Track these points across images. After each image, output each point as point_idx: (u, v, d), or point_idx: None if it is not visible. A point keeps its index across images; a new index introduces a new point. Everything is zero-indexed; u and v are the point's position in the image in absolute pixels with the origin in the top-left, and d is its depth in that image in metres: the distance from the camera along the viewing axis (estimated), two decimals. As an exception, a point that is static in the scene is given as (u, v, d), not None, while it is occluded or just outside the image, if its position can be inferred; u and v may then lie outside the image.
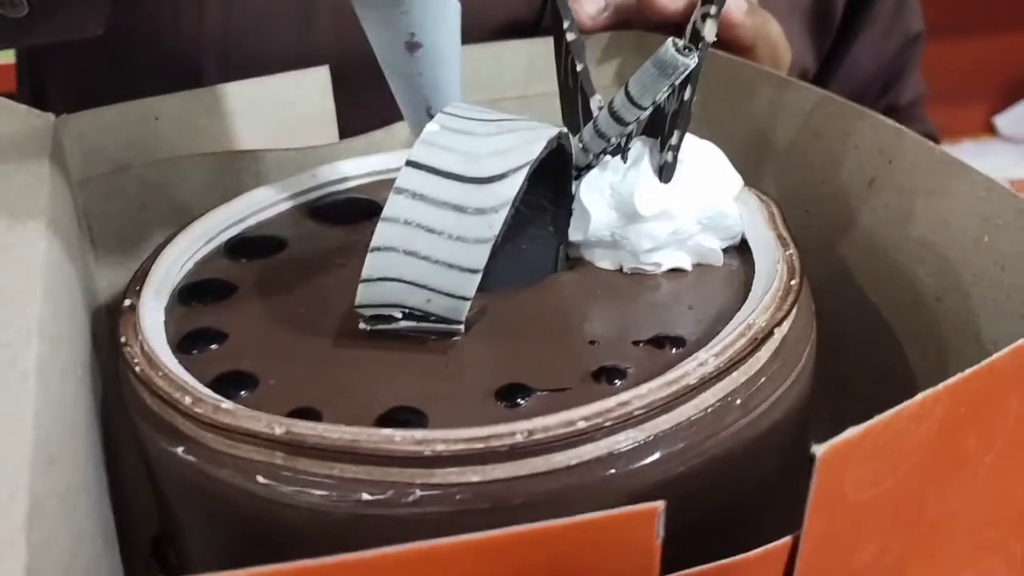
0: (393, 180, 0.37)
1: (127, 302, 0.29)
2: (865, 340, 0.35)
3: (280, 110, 0.42)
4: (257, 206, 0.36)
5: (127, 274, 0.39)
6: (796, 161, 0.37)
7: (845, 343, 0.36)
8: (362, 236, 0.34)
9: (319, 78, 0.42)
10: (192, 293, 0.31)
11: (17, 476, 0.18)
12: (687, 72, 0.27)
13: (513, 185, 0.25)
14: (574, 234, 0.31)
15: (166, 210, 0.40)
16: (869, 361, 0.35)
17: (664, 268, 0.30)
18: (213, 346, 0.28)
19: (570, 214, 0.31)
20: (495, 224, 0.25)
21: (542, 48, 0.45)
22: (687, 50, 0.27)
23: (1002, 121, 1.21)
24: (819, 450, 0.19)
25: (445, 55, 0.28)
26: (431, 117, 0.29)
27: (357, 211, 0.36)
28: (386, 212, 0.26)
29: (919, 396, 0.20)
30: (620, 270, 0.31)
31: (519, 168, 0.26)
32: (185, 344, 0.28)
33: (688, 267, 0.30)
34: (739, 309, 0.28)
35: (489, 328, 0.28)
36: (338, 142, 0.42)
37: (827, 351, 0.30)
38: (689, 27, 0.29)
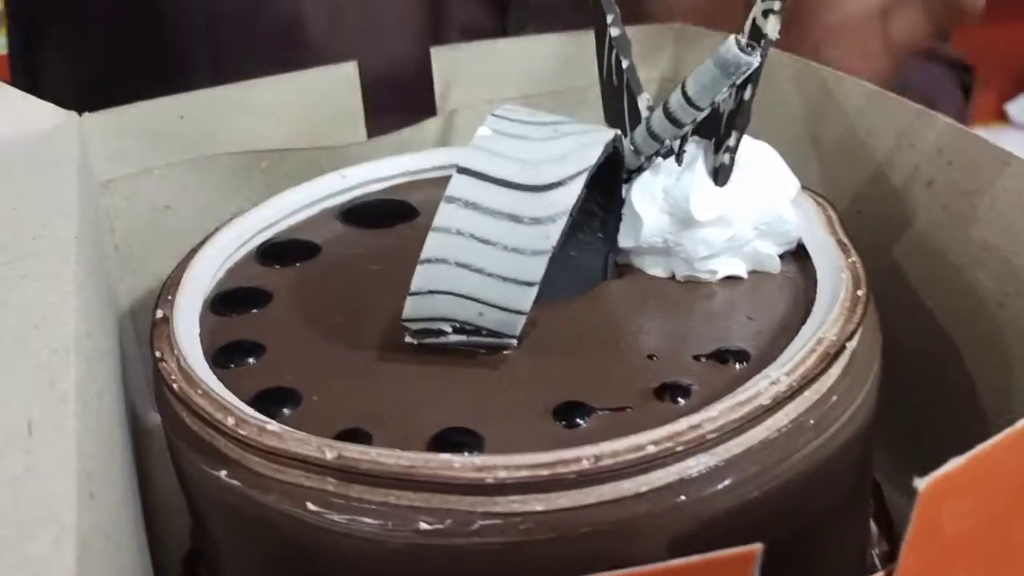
0: (425, 180, 0.37)
1: (159, 313, 0.28)
2: (921, 348, 0.34)
3: (307, 108, 0.40)
4: (287, 210, 0.34)
5: (149, 278, 0.38)
6: (846, 160, 0.36)
7: (899, 351, 0.35)
8: (397, 240, 0.33)
9: (347, 74, 0.41)
10: (226, 302, 0.30)
11: (62, 515, 0.17)
12: (749, 72, 0.26)
13: (572, 193, 0.24)
14: (625, 240, 0.29)
15: (191, 211, 0.38)
16: (925, 370, 0.34)
17: (720, 276, 0.29)
18: (251, 360, 0.27)
19: (620, 219, 0.29)
20: (553, 234, 0.24)
21: (574, 41, 0.43)
22: (750, 48, 0.26)
23: (1014, 108, 1.19)
24: (921, 484, 0.17)
25: None
26: None
27: (390, 213, 0.34)
28: (437, 222, 0.24)
29: (1019, 424, 0.19)
30: (672, 278, 0.29)
31: (578, 175, 0.24)
32: (221, 358, 0.27)
33: (744, 274, 0.29)
34: (800, 319, 0.26)
35: (540, 341, 0.27)
36: (366, 140, 0.41)
37: (887, 362, 0.28)
38: (748, 23, 0.27)
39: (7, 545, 0.17)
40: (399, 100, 0.43)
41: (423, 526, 0.21)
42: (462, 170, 0.24)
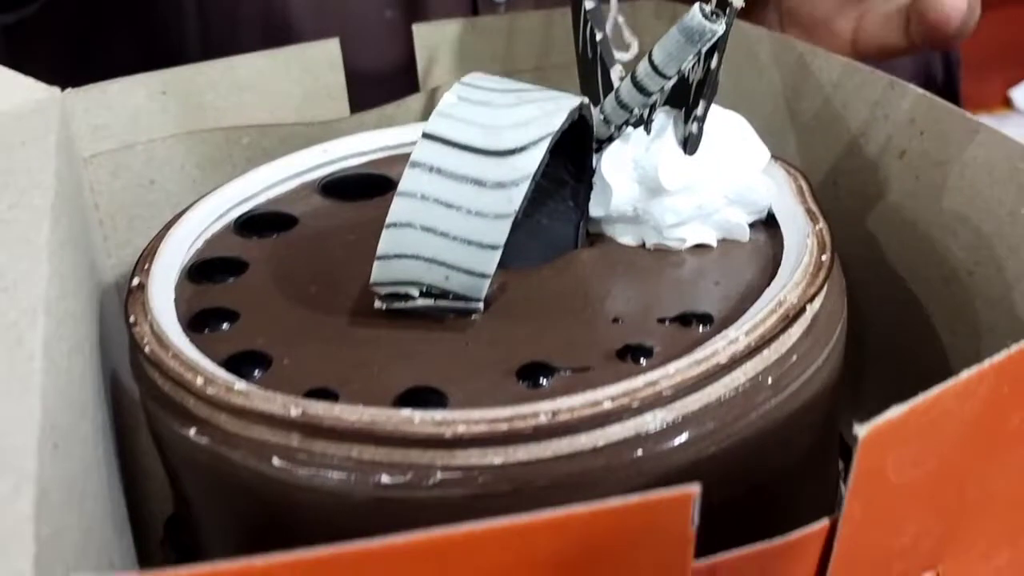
0: (405, 155, 0.37)
1: (135, 281, 0.28)
2: (893, 315, 0.34)
3: (289, 83, 0.41)
4: (267, 182, 0.35)
5: (135, 252, 0.38)
6: (823, 132, 0.36)
7: (873, 319, 0.35)
8: (375, 212, 0.33)
9: (329, 50, 0.41)
10: (202, 271, 0.30)
11: (22, 463, 0.18)
12: (714, 39, 0.26)
13: (534, 158, 0.24)
14: (595, 209, 0.30)
15: (174, 186, 0.39)
16: (898, 337, 0.34)
17: (689, 244, 0.29)
18: (225, 325, 0.27)
19: (591, 188, 0.30)
20: (515, 199, 0.24)
21: (558, 18, 0.44)
22: (715, 16, 0.26)
23: (1018, 94, 1.19)
24: (861, 431, 0.18)
25: None
26: None
27: (370, 187, 0.35)
28: (402, 187, 0.25)
29: (964, 374, 0.19)
30: (643, 246, 0.30)
31: (540, 140, 0.25)
32: (196, 323, 0.27)
33: (713, 242, 0.29)
34: (768, 285, 0.27)
35: (508, 306, 0.27)
36: (349, 116, 0.41)
37: (854, 327, 0.29)
38: (715, -8, 0.28)
39: (-33, 491, 0.17)
40: (381, 78, 0.43)
41: (385, 479, 0.22)
42: (427, 135, 0.25)
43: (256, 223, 0.33)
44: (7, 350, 0.21)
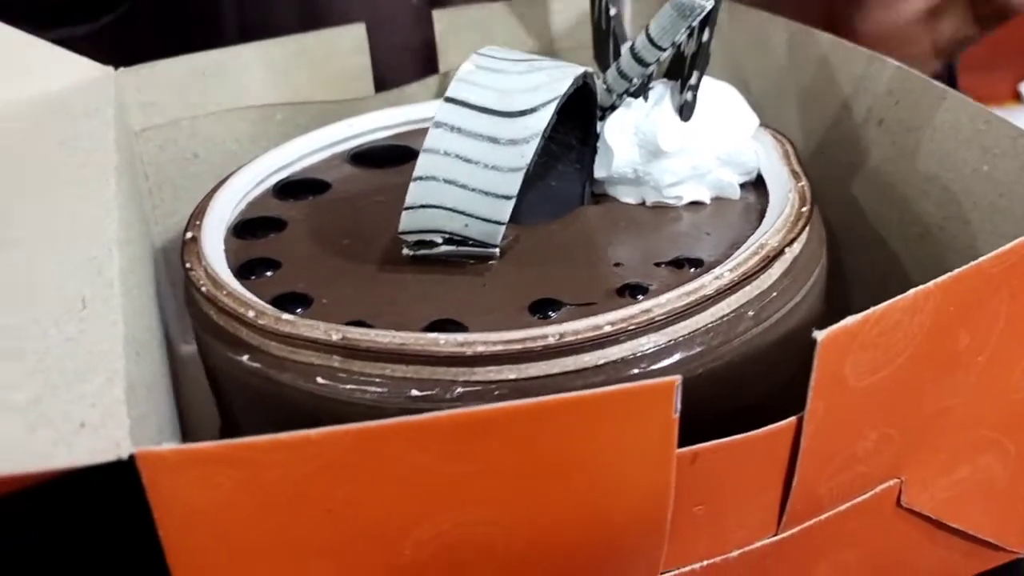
0: (427, 129, 0.40)
1: (188, 235, 0.32)
2: (876, 272, 0.37)
3: (319, 65, 0.44)
4: (301, 152, 0.38)
5: (180, 220, 0.42)
6: (812, 104, 0.39)
7: (857, 275, 0.38)
8: (400, 177, 0.37)
9: (356, 35, 0.44)
10: (246, 228, 0.34)
11: (114, 363, 0.21)
12: (704, 14, 0.29)
13: (543, 118, 0.28)
14: (599, 171, 0.33)
15: (215, 159, 0.42)
16: (880, 292, 0.37)
17: (684, 201, 0.32)
18: (268, 272, 0.31)
19: (595, 152, 0.33)
20: (527, 153, 0.27)
21: (571, 2, 0.47)
22: (704, -8, 0.29)
23: (1028, 89, 1.21)
24: (820, 335, 0.21)
25: None
26: None
27: (395, 156, 0.38)
28: (427, 144, 0.28)
29: (912, 291, 0.22)
30: (642, 204, 0.33)
31: (548, 102, 0.28)
32: (243, 271, 0.31)
33: (707, 200, 0.32)
34: (752, 234, 0.30)
35: (521, 254, 0.30)
36: (373, 95, 0.45)
37: (841, 284, 0.32)
38: (706, -28, 0.31)
39: (65, 388, 0.20)
40: (404, 59, 0.47)
41: (415, 393, 0.25)
42: (448, 99, 0.28)
43: (292, 188, 0.36)
44: (91, 278, 0.24)
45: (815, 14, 0.42)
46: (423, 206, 0.28)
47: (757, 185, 0.33)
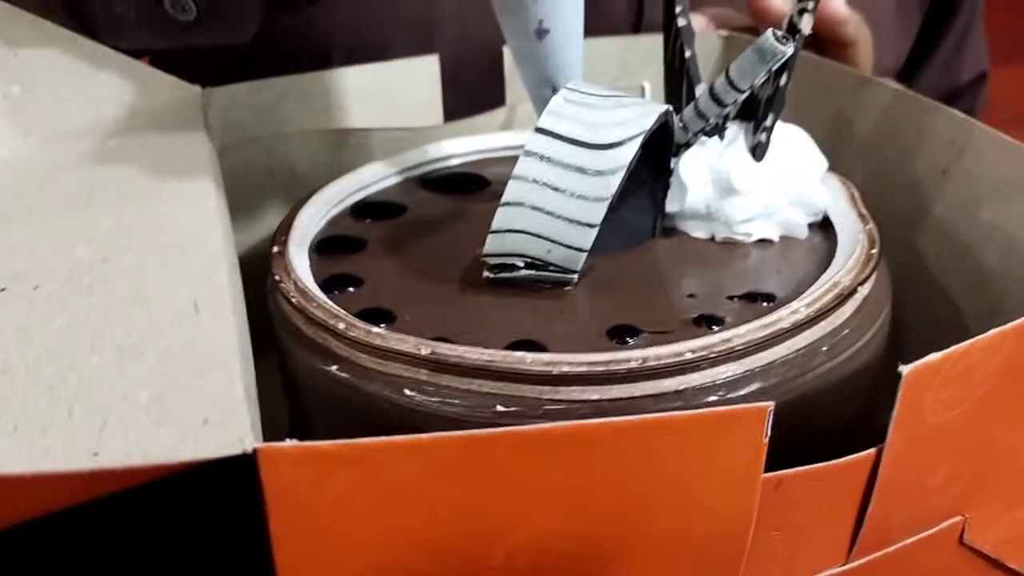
0: (495, 158, 0.42)
1: (275, 248, 0.33)
2: (931, 317, 0.38)
3: (392, 94, 0.46)
4: (376, 176, 0.40)
5: (250, 237, 0.43)
6: (873, 152, 0.40)
7: (913, 319, 0.39)
8: (473, 204, 0.38)
9: (428, 67, 0.46)
10: (328, 246, 0.35)
11: (231, 365, 0.22)
12: (784, 59, 0.31)
13: (629, 151, 0.29)
14: (671, 205, 0.34)
15: (288, 180, 0.44)
16: (938, 339, 0.38)
17: (753, 238, 0.33)
18: (351, 288, 0.32)
19: (667, 188, 0.34)
20: (612, 184, 0.29)
21: (631, 45, 0.48)
22: (785, 40, 0.30)
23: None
24: (905, 369, 0.22)
25: (571, 39, 0.32)
26: None
27: (466, 183, 0.40)
28: (517, 171, 0.29)
29: (991, 332, 0.23)
30: (712, 239, 0.34)
31: (635, 137, 0.29)
32: (326, 286, 0.32)
33: (775, 238, 0.34)
34: (821, 274, 0.31)
35: (597, 282, 0.31)
36: (442, 124, 0.46)
37: (900, 328, 0.32)
38: (786, 21, 0.32)
39: (186, 384, 0.22)
40: (473, 92, 0.48)
41: (499, 408, 0.26)
42: (539, 130, 0.29)
43: (370, 209, 0.38)
44: (203, 284, 0.25)
45: None
46: (509, 230, 0.30)
47: (823, 227, 0.34)
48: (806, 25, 0.31)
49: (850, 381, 0.29)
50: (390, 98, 0.46)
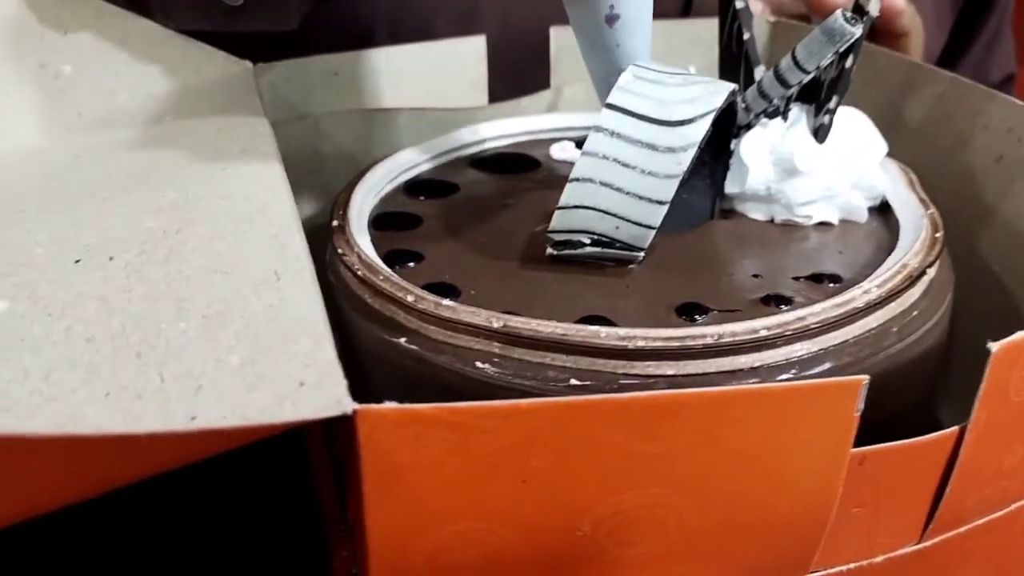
0: (542, 139, 0.42)
1: (335, 223, 0.33)
2: (985, 305, 0.38)
3: (439, 73, 0.46)
4: (426, 155, 0.39)
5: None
6: (925, 139, 0.40)
7: (966, 308, 0.39)
8: (523, 183, 0.38)
9: (475, 47, 0.46)
10: (385, 221, 0.35)
11: (317, 328, 0.22)
12: (852, 41, 0.31)
13: (700, 129, 0.29)
14: (731, 186, 0.34)
15: (335, 157, 0.44)
16: (987, 325, 0.38)
17: (813, 221, 0.33)
18: (411, 264, 0.32)
19: (727, 168, 0.34)
20: (683, 161, 0.29)
21: (676, 28, 0.48)
22: (853, 21, 0.30)
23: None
24: (994, 347, 0.22)
25: (640, 25, 0.31)
26: None
27: (515, 163, 0.40)
28: (587, 147, 0.29)
29: (1078, 313, 0.23)
30: (771, 221, 0.34)
31: (705, 114, 0.29)
32: (388, 261, 0.32)
33: (835, 221, 0.33)
34: (884, 255, 0.31)
35: (659, 260, 0.31)
36: (487, 105, 0.46)
37: (952, 316, 0.32)
38: (852, 2, 0.32)
39: (276, 348, 0.22)
40: (516, 74, 0.48)
41: (573, 382, 0.26)
42: (610, 106, 0.29)
43: (422, 187, 0.38)
44: (280, 253, 0.25)
45: None
46: (577, 207, 0.29)
47: (880, 210, 0.34)
48: (874, 7, 0.31)
49: (917, 363, 0.28)
50: (436, 78, 0.45)
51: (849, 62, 0.32)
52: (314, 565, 0.34)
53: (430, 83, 0.45)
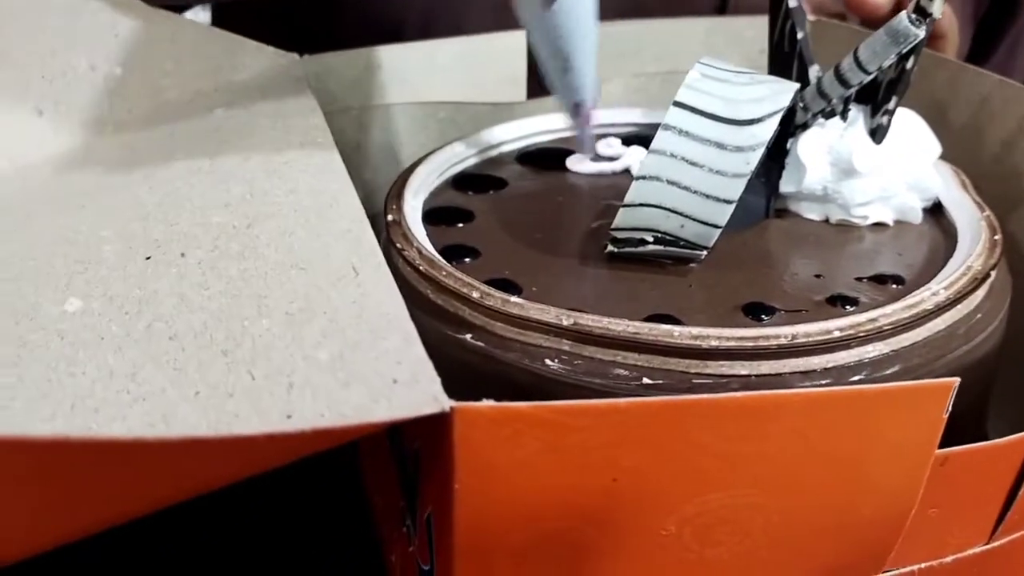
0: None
1: (391, 217, 0.33)
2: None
3: (478, 68, 0.45)
4: (471, 150, 0.39)
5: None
6: (971, 140, 0.40)
7: (1014, 315, 0.39)
8: (572, 179, 0.38)
9: (515, 41, 0.46)
10: (437, 216, 0.35)
11: (403, 323, 0.22)
12: (916, 42, 0.31)
13: (769, 128, 0.29)
14: (787, 186, 0.34)
15: (375, 150, 0.44)
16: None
17: (869, 222, 0.33)
18: (468, 259, 0.32)
19: (782, 167, 0.34)
20: (752, 160, 0.29)
21: (716, 26, 0.48)
22: (917, 22, 0.30)
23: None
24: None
25: (580, 7, 0.30)
26: (566, 70, 0.31)
27: (560, 158, 0.39)
28: (655, 145, 0.29)
29: None
30: (826, 221, 0.34)
31: (774, 113, 0.29)
32: (445, 255, 0.32)
33: (890, 222, 0.33)
34: (943, 257, 0.31)
35: (719, 260, 0.31)
36: (527, 100, 0.46)
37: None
38: (913, 3, 0.32)
39: (365, 345, 0.21)
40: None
41: (646, 381, 0.26)
42: (677, 103, 0.29)
43: (471, 181, 0.37)
44: (355, 247, 0.25)
45: None
46: (642, 204, 0.29)
47: (933, 212, 0.34)
48: (937, 8, 0.31)
49: (979, 366, 0.29)
50: (475, 72, 0.45)
51: (910, 63, 0.32)
52: (359, 561, 0.34)
53: (469, 78, 0.45)
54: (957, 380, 0.21)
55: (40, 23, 0.36)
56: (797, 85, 0.31)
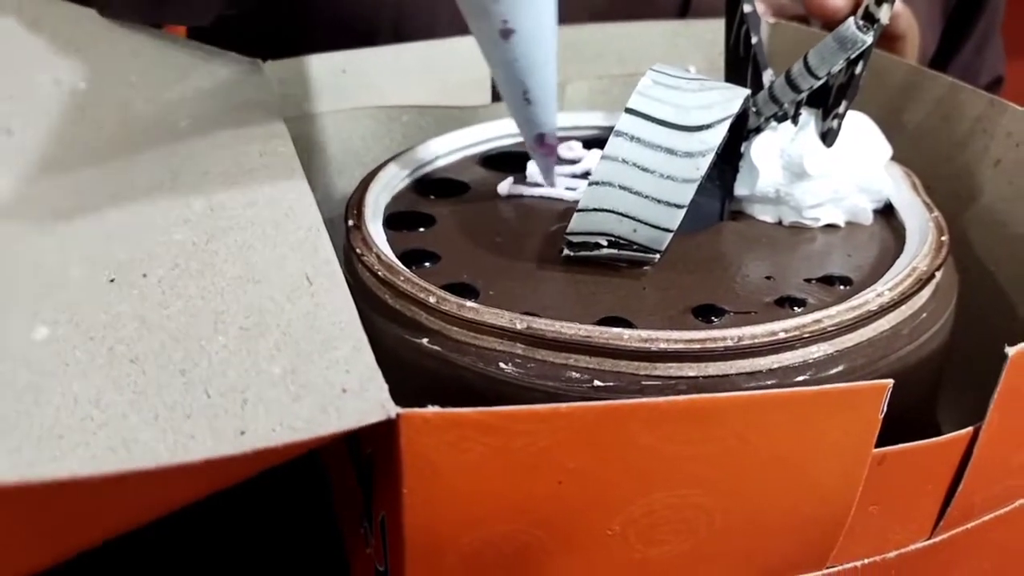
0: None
1: (351, 222, 0.33)
2: (983, 305, 0.39)
3: (444, 72, 0.46)
4: (434, 154, 0.40)
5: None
6: (924, 141, 0.41)
7: (965, 312, 0.40)
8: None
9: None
10: (398, 221, 0.35)
11: (354, 332, 0.22)
12: (864, 48, 0.31)
13: (718, 134, 0.29)
14: (740, 189, 0.35)
15: (340, 155, 0.44)
16: (986, 326, 0.39)
17: (821, 223, 0.34)
18: (427, 264, 0.32)
19: (736, 171, 0.35)
20: (702, 166, 0.29)
21: (679, 29, 0.49)
22: (865, 28, 0.31)
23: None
24: (1011, 351, 0.22)
25: (539, 40, 0.30)
26: (528, 102, 0.31)
27: (523, 162, 0.40)
28: (607, 151, 0.30)
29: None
30: (779, 223, 0.34)
31: (723, 120, 0.30)
32: (405, 260, 0.32)
33: (841, 223, 0.34)
34: (891, 258, 0.32)
35: (673, 262, 0.32)
36: (491, 104, 0.46)
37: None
38: (862, 10, 0.33)
39: (316, 355, 0.22)
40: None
41: (596, 383, 0.26)
42: (629, 110, 0.30)
43: (434, 186, 0.38)
44: (310, 255, 0.26)
45: None
46: (596, 209, 0.30)
47: (884, 213, 0.35)
48: (884, 15, 0.32)
49: (924, 365, 0.29)
50: (440, 76, 0.46)
51: (859, 68, 0.33)
52: (327, 561, 0.35)
53: (434, 82, 0.45)
54: (891, 382, 0.21)
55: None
56: (747, 92, 0.31)
